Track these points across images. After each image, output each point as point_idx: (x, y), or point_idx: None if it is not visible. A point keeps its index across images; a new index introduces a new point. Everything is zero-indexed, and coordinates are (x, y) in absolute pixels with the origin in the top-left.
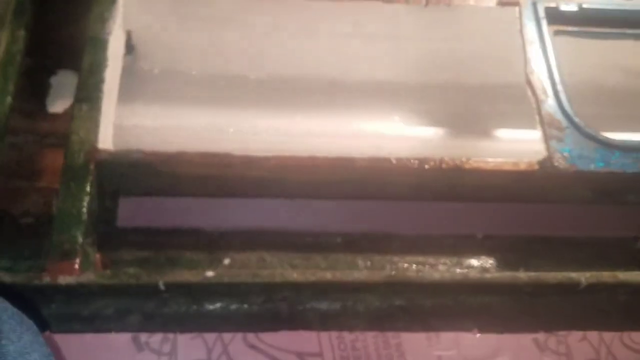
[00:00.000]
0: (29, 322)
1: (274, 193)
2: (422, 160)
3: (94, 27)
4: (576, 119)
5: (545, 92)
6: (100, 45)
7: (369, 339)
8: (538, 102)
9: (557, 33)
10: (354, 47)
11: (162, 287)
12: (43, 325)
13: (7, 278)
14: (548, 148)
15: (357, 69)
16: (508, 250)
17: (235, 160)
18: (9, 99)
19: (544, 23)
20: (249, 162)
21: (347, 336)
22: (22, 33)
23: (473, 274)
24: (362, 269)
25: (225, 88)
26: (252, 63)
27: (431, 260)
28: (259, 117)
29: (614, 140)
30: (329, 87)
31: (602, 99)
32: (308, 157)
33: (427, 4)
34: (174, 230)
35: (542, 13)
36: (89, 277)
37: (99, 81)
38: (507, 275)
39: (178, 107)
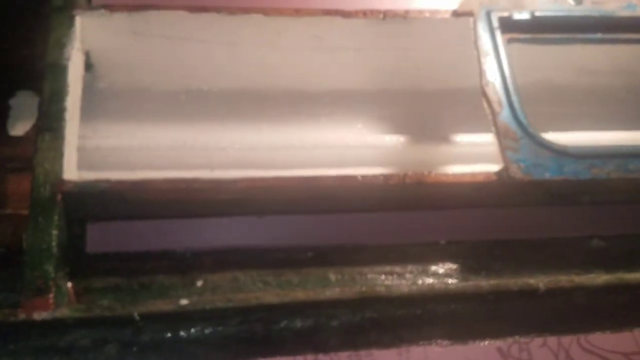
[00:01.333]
0: None
1: (244, 211)
2: (387, 176)
3: (52, 53)
4: (530, 129)
5: (500, 104)
6: (59, 71)
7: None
8: (494, 114)
9: (510, 41)
10: (315, 60)
11: (136, 317)
12: (19, 358)
13: None
14: (504, 159)
15: (318, 80)
16: (470, 255)
17: (203, 185)
18: None
19: (497, 33)
20: (217, 186)
21: (322, 358)
22: None
23: (439, 285)
24: (333, 282)
25: (187, 103)
26: (213, 78)
27: (398, 269)
28: (223, 132)
29: (566, 148)
30: (292, 99)
31: (553, 99)
32: (274, 178)
33: (384, 17)
34: (145, 254)
35: (495, 23)
36: (64, 311)
37: (61, 109)
38: (470, 284)
39: (140, 125)
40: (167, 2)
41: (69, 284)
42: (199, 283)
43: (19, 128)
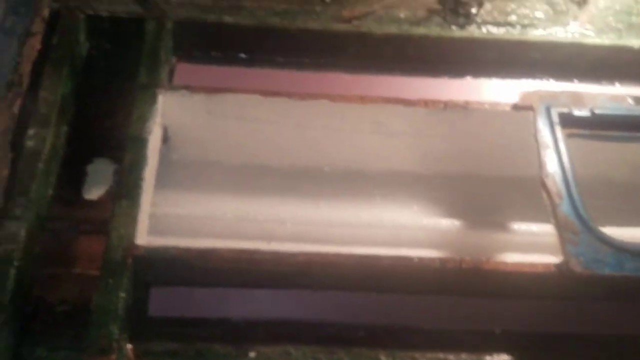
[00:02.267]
0: None
1: (299, 285)
2: (443, 260)
3: (135, 127)
4: (591, 223)
5: (560, 196)
6: (140, 144)
7: None
8: (553, 206)
9: (570, 136)
10: (375, 143)
11: None
12: None
13: None
14: (564, 251)
15: (377, 162)
16: (526, 346)
17: (263, 257)
18: (50, 191)
19: (557, 128)
20: (277, 258)
21: None
22: (65, 129)
23: None
24: None
25: (251, 178)
26: (278, 156)
27: (451, 357)
28: (283, 206)
29: (627, 244)
30: (350, 179)
31: (612, 194)
32: (333, 254)
33: (445, 107)
34: (203, 321)
35: (555, 118)
36: None
37: (139, 179)
38: None
39: (207, 196)
40: (242, 86)
41: (130, 346)
42: (252, 354)
43: (94, 192)
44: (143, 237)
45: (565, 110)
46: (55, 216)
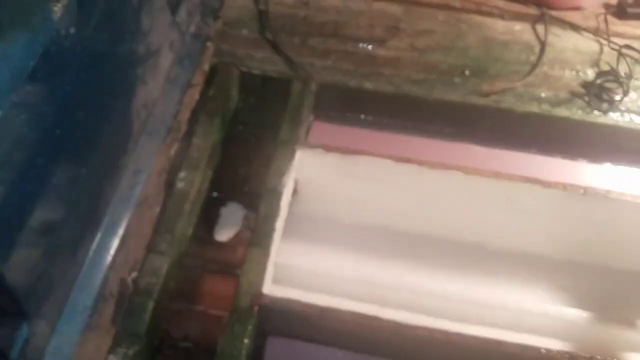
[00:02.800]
0: None
1: (411, 357)
2: (573, 355)
3: (272, 180)
4: None
5: None
6: (276, 196)
7: None
8: None
9: None
10: (505, 220)
11: None
12: None
13: None
14: None
15: (504, 239)
16: None
17: (382, 324)
18: (191, 230)
19: None
20: (397, 328)
21: None
22: (210, 173)
23: None
24: None
25: (373, 240)
26: (403, 221)
27: None
28: (400, 272)
29: None
30: (474, 253)
31: None
32: (456, 334)
33: (585, 193)
34: None
35: None
36: None
37: (271, 229)
38: None
39: (328, 251)
40: (373, 149)
41: None
42: None
43: (224, 234)
44: (269, 287)
45: None
46: (188, 254)
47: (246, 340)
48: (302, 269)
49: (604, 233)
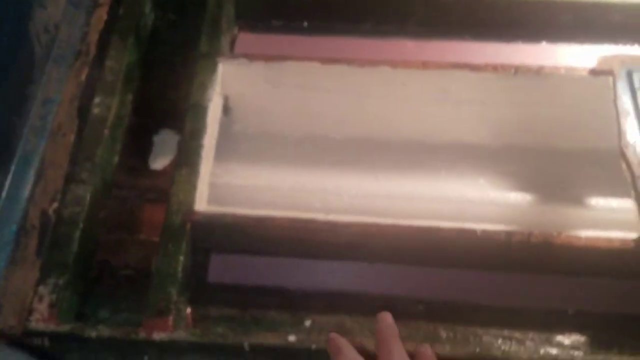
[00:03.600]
0: None
1: (356, 256)
2: (509, 233)
3: (195, 95)
4: None
5: None
6: (200, 111)
7: None
8: (633, 177)
9: None
10: (439, 112)
11: (246, 348)
12: None
13: (106, 332)
14: None
15: (441, 132)
16: (601, 328)
17: (319, 226)
18: (116, 158)
19: (639, 94)
20: (332, 228)
21: None
22: (129, 97)
23: (563, 355)
24: (444, 340)
25: (310, 149)
26: (337, 126)
27: (517, 335)
28: (342, 178)
29: None
30: (413, 150)
31: None
32: (391, 225)
33: (516, 72)
34: (260, 289)
35: (637, 83)
36: (181, 334)
37: (198, 146)
38: (599, 357)
39: (266, 166)
40: (301, 54)
41: (188, 310)
42: (307, 323)
43: (159, 162)
44: (203, 205)
45: None
46: (122, 184)
47: (181, 258)
48: (245, 187)
49: (542, 113)
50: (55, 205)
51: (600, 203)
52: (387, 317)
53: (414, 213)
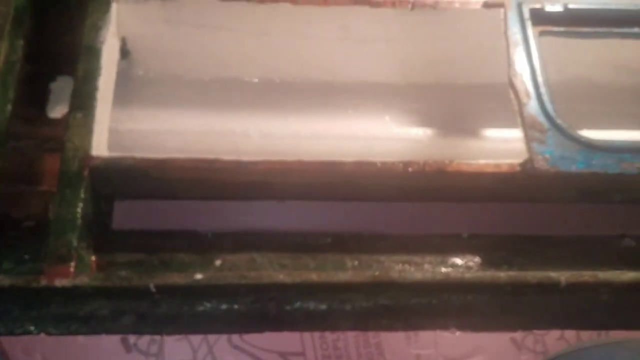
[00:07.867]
0: None
1: (264, 195)
2: (406, 163)
3: (88, 36)
4: (558, 121)
5: (527, 95)
6: (94, 53)
7: (349, 339)
8: (520, 105)
9: (542, 34)
10: (343, 51)
11: (152, 289)
12: (38, 327)
13: (6, 281)
14: (529, 150)
15: (346, 71)
16: (492, 249)
17: (223, 165)
18: (9, 107)
19: (528, 24)
20: (238, 166)
21: (329, 336)
22: (20, 42)
23: (454, 274)
24: (349, 269)
25: (216, 91)
26: (242, 67)
27: (417, 259)
28: (250, 120)
29: (595, 141)
30: (319, 90)
31: (590, 96)
32: (295, 162)
33: (412, 7)
34: (168, 233)
35: (527, 14)
36: (83, 279)
37: (93, 89)
38: (487, 274)
39: (171, 110)
40: None
41: (93, 257)
42: (217, 262)
43: (57, 111)
44: (102, 150)
45: (537, 6)
46: (20, 135)
47: (80, 204)
48: (148, 132)
49: (441, 49)
50: None
51: (494, 134)
52: None
53: (323, 152)
